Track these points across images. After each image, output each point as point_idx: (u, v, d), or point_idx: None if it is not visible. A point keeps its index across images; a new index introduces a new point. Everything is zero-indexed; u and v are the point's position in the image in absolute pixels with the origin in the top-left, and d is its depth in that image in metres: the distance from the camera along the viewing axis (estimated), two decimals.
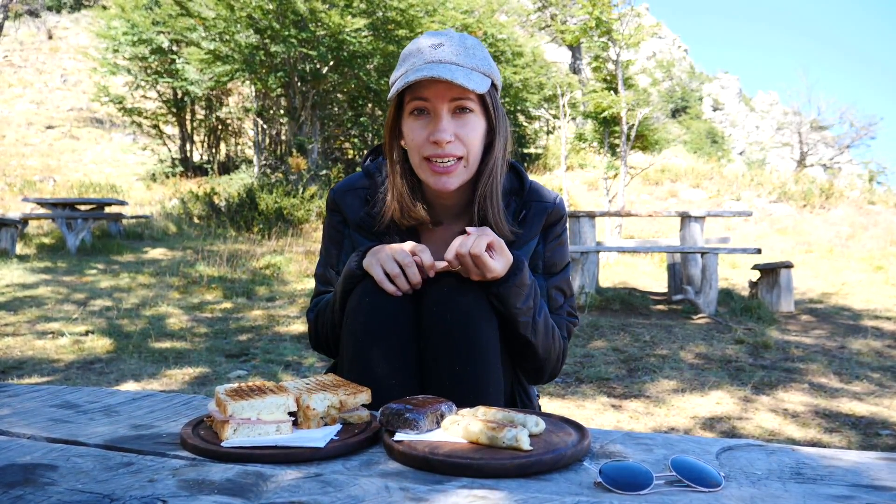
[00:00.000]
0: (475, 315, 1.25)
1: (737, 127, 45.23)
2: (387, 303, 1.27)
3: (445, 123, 1.26)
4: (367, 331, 1.27)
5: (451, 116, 1.27)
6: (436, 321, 1.25)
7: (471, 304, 1.25)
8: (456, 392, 1.22)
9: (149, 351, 4.10)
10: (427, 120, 1.28)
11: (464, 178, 1.31)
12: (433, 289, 1.27)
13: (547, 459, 0.90)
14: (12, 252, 7.68)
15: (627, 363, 4.16)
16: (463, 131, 1.27)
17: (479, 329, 1.25)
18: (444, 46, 1.26)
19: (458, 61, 1.25)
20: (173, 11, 12.34)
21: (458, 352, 1.24)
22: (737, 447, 1.03)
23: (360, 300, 1.28)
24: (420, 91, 1.26)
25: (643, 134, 11.88)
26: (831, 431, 3.02)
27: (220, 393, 1.03)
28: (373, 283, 1.28)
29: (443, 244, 1.39)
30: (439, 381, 1.25)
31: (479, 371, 1.24)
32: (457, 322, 1.24)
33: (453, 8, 13.58)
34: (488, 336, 1.26)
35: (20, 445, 0.98)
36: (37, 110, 18.40)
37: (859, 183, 20.11)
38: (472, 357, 1.24)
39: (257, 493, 0.80)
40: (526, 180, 1.42)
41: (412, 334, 1.28)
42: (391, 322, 1.26)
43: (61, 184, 13.08)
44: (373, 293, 1.27)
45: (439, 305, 1.25)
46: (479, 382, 1.24)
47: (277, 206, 10.46)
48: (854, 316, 6.36)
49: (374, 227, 1.39)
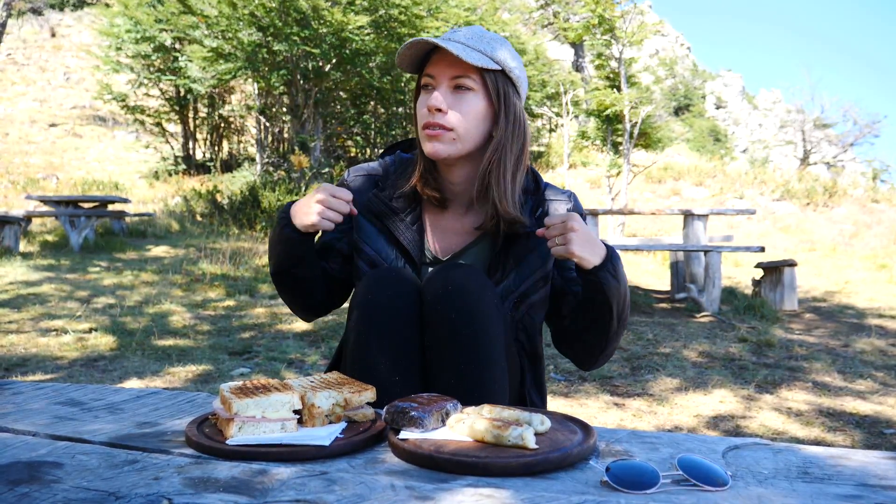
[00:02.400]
0: (481, 311, 1.24)
1: (740, 125, 45.12)
2: (390, 299, 1.26)
3: (439, 92, 1.32)
4: (369, 327, 1.26)
5: (451, 92, 1.32)
6: (441, 317, 1.24)
7: (477, 300, 1.24)
8: (460, 389, 1.21)
9: (152, 348, 4.10)
10: (429, 92, 1.34)
11: (452, 150, 1.34)
12: (438, 284, 1.26)
13: (553, 458, 0.89)
14: (16, 250, 7.69)
15: (630, 361, 4.15)
16: (458, 105, 1.32)
17: (485, 325, 1.24)
18: (461, 31, 1.33)
19: (466, 42, 1.31)
20: (176, 9, 12.33)
21: (463, 348, 1.23)
22: (743, 446, 1.02)
23: (362, 296, 1.28)
24: (429, 68, 1.34)
25: (646, 132, 11.87)
26: (835, 430, 3.01)
27: (224, 391, 1.03)
28: (375, 279, 1.28)
29: (451, 232, 1.42)
30: (443, 378, 1.25)
31: (484, 368, 1.24)
32: (462, 318, 1.23)
33: (456, 5, 13.56)
34: (494, 333, 1.25)
35: (25, 443, 0.98)
36: (40, 108, 18.42)
37: (863, 181, 20.06)
38: (478, 354, 1.23)
39: (262, 491, 0.79)
40: (541, 181, 1.46)
41: (415, 330, 1.28)
42: (394, 318, 1.26)
43: (64, 181, 13.09)
44: (375, 289, 1.27)
45: (444, 301, 1.24)
46: (484, 380, 1.24)
47: (280, 203, 10.46)
48: (858, 314, 6.35)
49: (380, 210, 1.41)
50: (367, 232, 1.41)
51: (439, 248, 1.42)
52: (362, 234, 1.41)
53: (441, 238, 1.43)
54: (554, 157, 17.55)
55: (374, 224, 1.41)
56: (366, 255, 1.40)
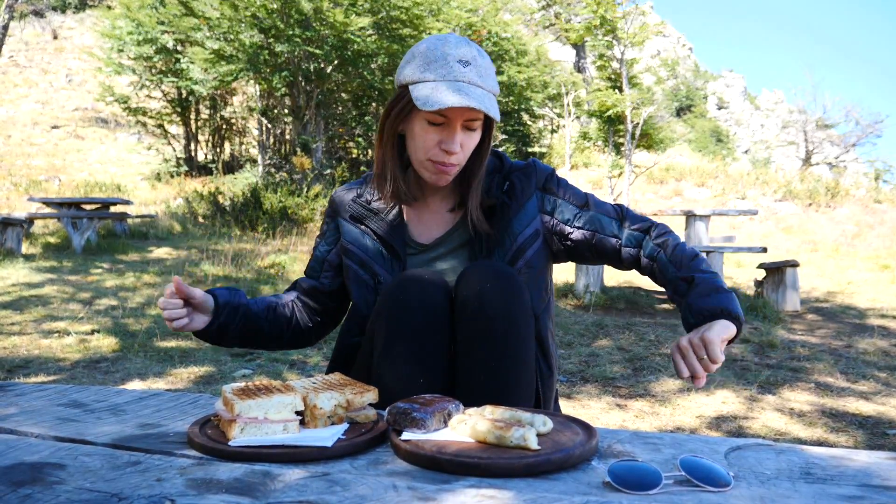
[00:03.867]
0: (515, 311, 1.27)
1: (742, 125, 45.09)
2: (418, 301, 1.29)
3: (458, 137, 1.35)
4: (397, 329, 1.28)
5: (461, 130, 1.37)
6: (475, 315, 1.26)
7: (511, 300, 1.27)
8: (490, 388, 1.24)
9: (154, 350, 4.10)
10: (440, 129, 1.36)
11: (454, 176, 1.43)
12: (473, 283, 1.28)
13: (555, 459, 0.89)
14: (18, 251, 7.70)
15: (632, 362, 4.15)
16: (466, 142, 1.38)
17: (517, 326, 1.27)
18: (471, 66, 1.33)
19: (482, 84, 1.34)
20: (178, 11, 12.35)
21: (496, 347, 1.25)
22: (745, 447, 1.02)
23: (391, 298, 1.30)
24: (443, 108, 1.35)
25: (648, 133, 11.86)
26: (838, 431, 3.01)
27: (227, 392, 1.03)
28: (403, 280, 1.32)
29: (432, 225, 1.49)
30: (473, 376, 1.26)
31: (514, 368, 1.26)
32: (497, 317, 1.25)
33: (457, 7, 13.57)
34: (526, 334, 1.29)
35: (28, 444, 0.98)
36: (42, 110, 18.46)
37: (865, 181, 20.03)
38: (509, 352, 1.26)
39: (265, 492, 0.80)
40: (506, 159, 1.52)
41: (445, 331, 1.30)
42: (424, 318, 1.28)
43: (66, 183, 13.11)
44: (404, 291, 1.30)
45: (479, 300, 1.26)
46: (514, 380, 1.26)
47: (282, 205, 10.47)
48: (860, 315, 6.34)
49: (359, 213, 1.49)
50: (352, 235, 1.50)
51: (422, 236, 1.49)
52: (348, 237, 1.51)
53: (423, 227, 1.50)
54: (556, 158, 17.54)
55: (357, 227, 1.50)
56: (353, 255, 1.48)
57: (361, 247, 1.47)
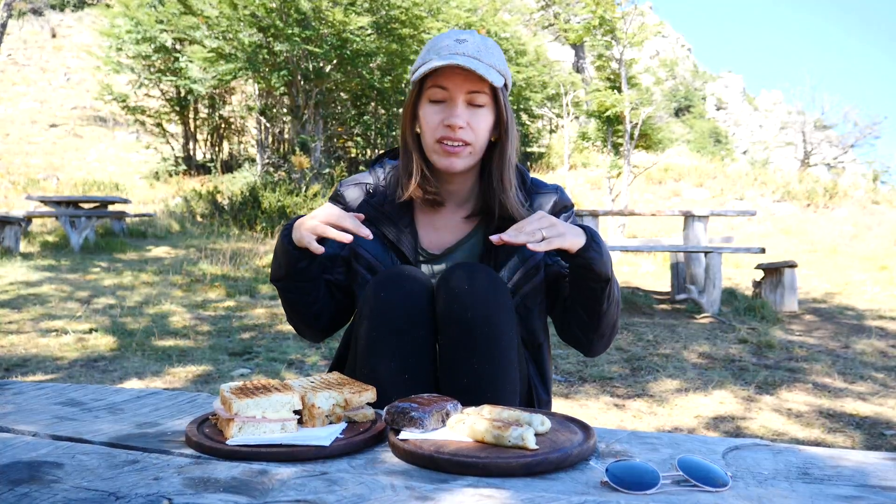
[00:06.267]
0: (497, 312, 1.26)
1: (740, 126, 45.12)
2: (403, 298, 1.28)
3: (460, 110, 1.34)
4: (381, 326, 1.27)
5: (466, 106, 1.35)
6: (456, 317, 1.25)
7: (493, 301, 1.26)
8: (475, 390, 1.23)
9: (152, 349, 4.10)
10: (443, 107, 1.36)
11: (468, 162, 1.39)
12: (453, 284, 1.27)
13: (553, 458, 0.89)
14: (16, 250, 7.69)
15: (630, 362, 4.15)
16: (473, 120, 1.36)
17: (500, 327, 1.26)
18: (468, 42, 1.35)
19: (479, 57, 1.33)
20: (177, 10, 12.34)
21: (479, 349, 1.24)
22: (743, 447, 1.02)
23: (374, 295, 1.29)
24: (441, 80, 1.35)
25: (646, 133, 11.87)
26: (835, 431, 3.01)
27: (225, 391, 1.03)
28: (387, 278, 1.30)
29: (445, 232, 1.46)
30: (458, 379, 1.25)
31: (499, 369, 1.25)
32: (479, 319, 1.24)
33: (457, 6, 13.57)
34: (510, 335, 1.27)
35: (25, 443, 0.98)
36: (40, 109, 18.44)
37: (863, 182, 20.02)
38: (492, 353, 1.25)
39: (262, 491, 0.80)
40: (527, 176, 1.50)
41: (428, 330, 1.29)
42: (407, 317, 1.27)
43: (65, 182, 13.10)
44: (386, 288, 1.28)
45: (460, 301, 1.25)
46: (497, 379, 1.25)
47: (280, 204, 10.47)
48: (858, 316, 6.35)
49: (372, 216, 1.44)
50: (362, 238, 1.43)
51: (433, 245, 1.46)
52: (358, 240, 1.42)
53: (434, 235, 1.46)
54: (554, 158, 17.55)
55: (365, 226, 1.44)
56: (363, 260, 1.43)
57: (372, 252, 1.43)
